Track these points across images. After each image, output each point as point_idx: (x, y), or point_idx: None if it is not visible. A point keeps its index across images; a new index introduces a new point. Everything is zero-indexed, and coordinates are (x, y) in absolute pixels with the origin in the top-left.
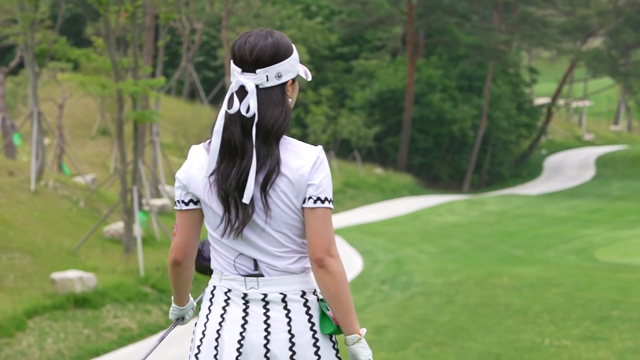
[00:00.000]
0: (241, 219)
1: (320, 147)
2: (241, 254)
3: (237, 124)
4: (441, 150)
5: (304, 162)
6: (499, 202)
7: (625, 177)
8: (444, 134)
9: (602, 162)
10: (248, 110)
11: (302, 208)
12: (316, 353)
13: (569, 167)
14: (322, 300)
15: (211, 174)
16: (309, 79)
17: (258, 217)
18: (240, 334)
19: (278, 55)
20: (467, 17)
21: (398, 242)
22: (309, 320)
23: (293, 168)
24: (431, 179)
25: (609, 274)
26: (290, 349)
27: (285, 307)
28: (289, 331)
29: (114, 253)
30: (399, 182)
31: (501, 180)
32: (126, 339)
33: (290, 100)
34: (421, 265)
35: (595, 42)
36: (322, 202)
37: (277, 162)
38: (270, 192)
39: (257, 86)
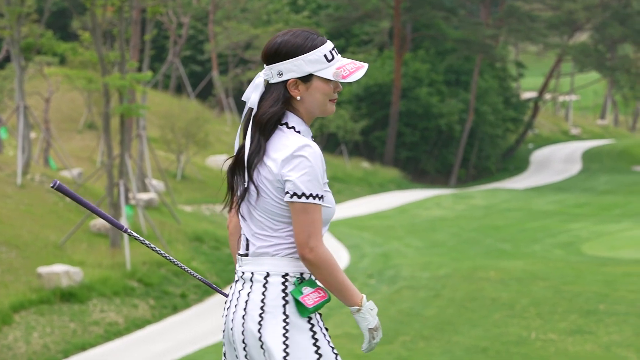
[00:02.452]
0: (237, 197)
1: (303, 143)
2: (243, 233)
3: (247, 113)
4: (428, 145)
5: (281, 154)
6: (486, 196)
7: (611, 171)
8: (431, 128)
9: (588, 156)
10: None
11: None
12: (259, 331)
13: (555, 161)
14: (300, 283)
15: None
16: (342, 80)
17: (251, 198)
18: (226, 309)
19: (279, 54)
20: (454, 11)
21: (385, 236)
22: (262, 300)
23: (273, 158)
24: (418, 173)
25: (595, 267)
26: (243, 325)
27: (250, 287)
28: (244, 309)
29: (101, 247)
30: (386, 176)
31: (488, 174)
32: (112, 333)
33: (299, 98)
34: (408, 259)
35: (582, 37)
36: (299, 197)
37: (260, 150)
38: (256, 177)
39: (268, 81)
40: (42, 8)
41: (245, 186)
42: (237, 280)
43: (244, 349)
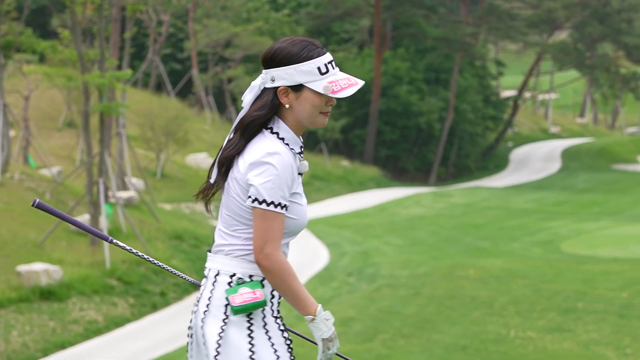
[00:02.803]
0: (207, 192)
1: (273, 150)
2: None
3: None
4: (408, 143)
5: (251, 157)
6: (465, 195)
7: (590, 170)
8: (410, 126)
9: (567, 155)
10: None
11: None
12: (202, 328)
13: (535, 160)
14: (241, 284)
15: None
16: (332, 95)
17: (223, 195)
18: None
19: (274, 60)
20: (434, 9)
21: (364, 234)
22: (209, 298)
23: (244, 159)
24: (398, 171)
25: (574, 265)
26: (194, 321)
27: (205, 284)
28: (196, 304)
29: (80, 245)
30: (365, 174)
31: (467, 173)
32: (92, 331)
33: (288, 106)
34: (387, 257)
35: (562, 35)
36: (260, 203)
37: (235, 149)
38: (229, 177)
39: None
40: (21, 6)
41: (212, 182)
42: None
43: (202, 344)
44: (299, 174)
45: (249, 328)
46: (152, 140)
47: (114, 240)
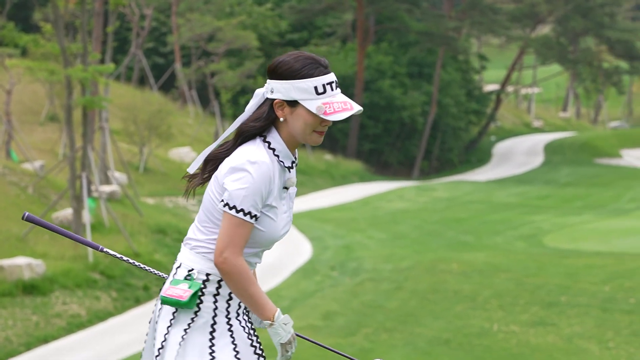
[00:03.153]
0: (192, 182)
1: (254, 159)
2: None
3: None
4: (391, 137)
5: (233, 161)
6: (448, 189)
7: (573, 164)
8: (393, 121)
9: (550, 149)
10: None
11: None
12: (156, 322)
13: (517, 154)
14: (185, 279)
15: None
16: (323, 116)
17: (205, 192)
18: None
19: (276, 72)
20: (417, 3)
21: (347, 228)
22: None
23: (227, 162)
24: (381, 165)
25: (557, 259)
26: (155, 311)
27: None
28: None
29: (63, 239)
30: (348, 168)
31: (450, 167)
32: (75, 325)
33: (282, 120)
34: (370, 251)
35: (544, 29)
36: (230, 208)
37: (226, 153)
38: (213, 175)
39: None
40: (3, 0)
41: (191, 173)
42: None
43: (152, 338)
44: (285, 187)
45: (189, 325)
46: (135, 134)
47: (105, 249)
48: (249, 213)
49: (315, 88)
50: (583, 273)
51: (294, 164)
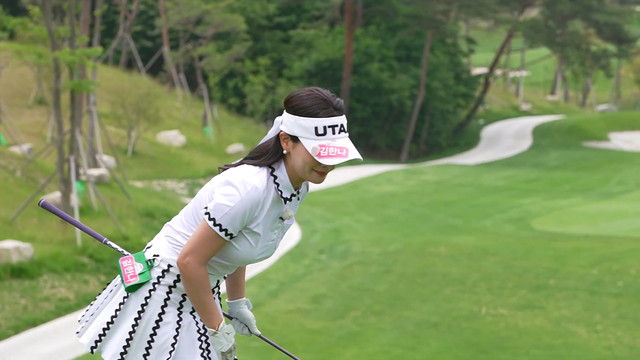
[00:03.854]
0: None
1: (251, 183)
2: None
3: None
4: (379, 120)
5: (230, 175)
6: (437, 172)
7: (561, 147)
8: (382, 104)
9: (539, 132)
10: None
11: None
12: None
13: (506, 137)
14: (149, 262)
15: None
16: (317, 158)
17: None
18: None
19: (287, 104)
20: None
21: (336, 211)
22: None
23: (225, 174)
24: (369, 148)
25: (545, 242)
26: None
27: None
28: None
29: (51, 223)
30: None
31: (439, 150)
32: (63, 309)
33: (285, 152)
34: (359, 235)
35: (533, 12)
36: (210, 219)
37: (227, 168)
38: (212, 179)
39: None
40: None
41: None
42: None
43: None
44: (281, 218)
45: (142, 307)
46: (123, 117)
47: (108, 242)
48: (225, 230)
49: (316, 129)
50: (571, 256)
51: (293, 197)
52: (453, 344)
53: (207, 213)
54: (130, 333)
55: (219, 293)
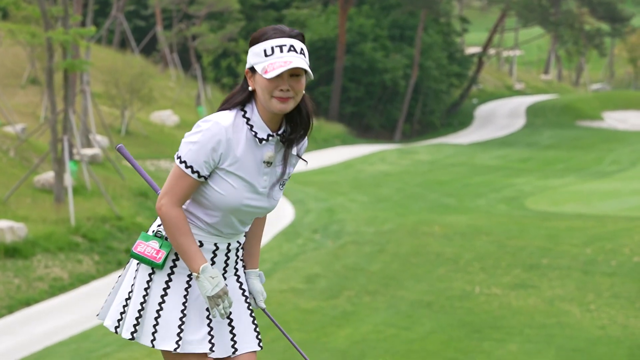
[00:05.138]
0: None
1: (213, 119)
2: None
3: None
4: (373, 100)
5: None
6: (430, 151)
7: (555, 126)
8: (375, 83)
9: (532, 111)
10: None
11: None
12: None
13: (499, 116)
14: (156, 236)
15: None
16: (264, 75)
17: None
18: None
19: (249, 42)
20: None
21: (330, 191)
22: None
23: None
24: (363, 128)
25: (538, 222)
26: None
27: None
28: None
29: (45, 203)
30: (330, 131)
31: (432, 129)
32: (57, 288)
33: (250, 89)
34: (353, 214)
35: None
36: (177, 158)
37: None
38: None
39: None
40: None
41: None
42: None
43: None
44: (267, 162)
45: (145, 275)
46: (117, 97)
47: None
48: (191, 167)
49: (265, 51)
50: (564, 235)
51: (271, 137)
52: (446, 324)
53: (176, 154)
54: (141, 303)
55: (237, 257)
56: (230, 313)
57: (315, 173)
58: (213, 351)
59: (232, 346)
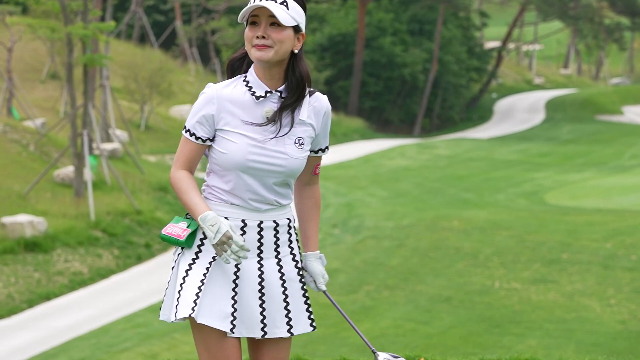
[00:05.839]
0: None
1: (208, 85)
2: None
3: None
4: (392, 94)
5: None
6: (450, 146)
7: (574, 121)
8: (394, 78)
9: (552, 106)
10: None
11: None
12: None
13: (519, 111)
14: (185, 217)
15: None
16: (240, 21)
17: None
18: None
19: None
20: None
21: (349, 185)
22: None
23: None
24: (382, 122)
25: (558, 216)
26: None
27: None
28: None
29: (65, 197)
30: (350, 125)
31: (452, 124)
32: (77, 283)
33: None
34: (372, 209)
35: None
36: (183, 127)
37: None
38: None
39: None
40: None
41: None
42: None
43: None
44: (267, 118)
45: (193, 258)
46: (136, 92)
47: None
48: (189, 131)
49: (250, 2)
50: (584, 230)
51: (268, 94)
52: (466, 318)
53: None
54: (168, 282)
55: (277, 239)
56: (263, 295)
57: (335, 168)
58: (233, 332)
59: (262, 329)
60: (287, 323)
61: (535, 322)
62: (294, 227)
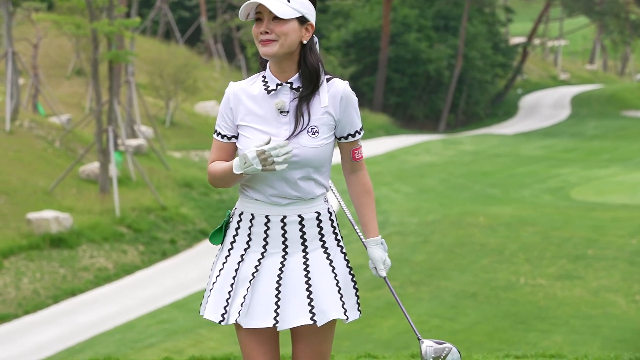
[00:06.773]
0: None
1: (230, 84)
2: None
3: None
4: (417, 90)
5: None
6: (475, 142)
7: (600, 116)
8: (419, 74)
9: (577, 102)
10: None
11: None
12: None
13: (544, 107)
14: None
15: None
16: (241, 19)
17: None
18: None
19: None
20: None
21: (374, 181)
22: None
23: None
24: (407, 118)
25: (584, 212)
26: None
27: None
28: None
29: (90, 193)
30: (374, 122)
31: (477, 120)
32: (102, 278)
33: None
34: (397, 205)
35: None
36: None
37: None
38: None
39: None
40: None
41: None
42: None
43: None
44: (280, 111)
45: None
46: (161, 88)
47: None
48: (216, 131)
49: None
50: (610, 226)
51: (280, 86)
52: (491, 314)
53: None
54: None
55: (304, 233)
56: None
57: None
58: (228, 322)
59: (274, 318)
60: (310, 311)
61: (561, 318)
62: (332, 219)
